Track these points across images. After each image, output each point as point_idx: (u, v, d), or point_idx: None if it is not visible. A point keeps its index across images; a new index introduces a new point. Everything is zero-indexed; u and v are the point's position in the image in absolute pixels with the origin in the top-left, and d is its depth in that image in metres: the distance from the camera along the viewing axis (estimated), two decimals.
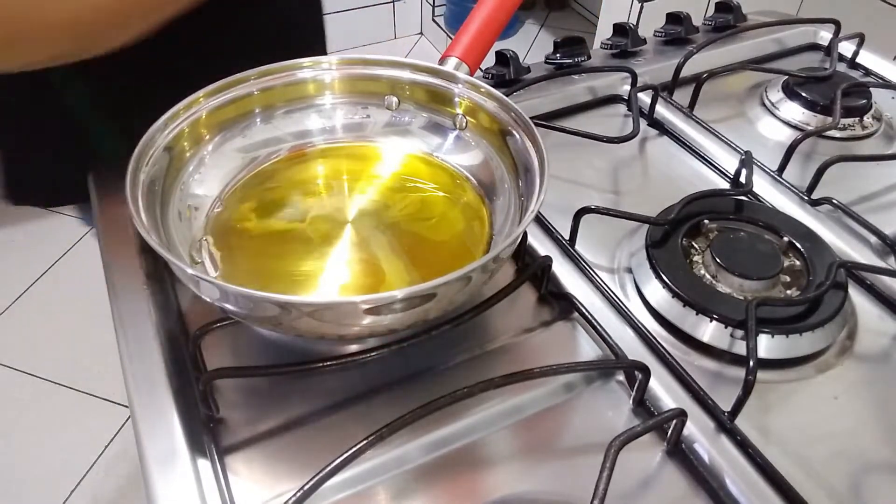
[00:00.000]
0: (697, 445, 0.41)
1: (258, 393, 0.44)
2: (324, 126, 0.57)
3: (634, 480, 0.40)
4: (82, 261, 1.72)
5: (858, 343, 0.49)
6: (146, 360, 0.44)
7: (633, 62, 0.75)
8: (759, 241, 0.52)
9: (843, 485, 0.40)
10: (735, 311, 0.47)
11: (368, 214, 0.51)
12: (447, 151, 0.56)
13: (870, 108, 0.69)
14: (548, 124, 0.63)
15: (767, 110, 0.71)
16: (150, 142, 0.46)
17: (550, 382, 0.45)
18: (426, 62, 0.55)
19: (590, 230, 0.54)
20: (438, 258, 0.49)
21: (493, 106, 0.52)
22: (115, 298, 0.48)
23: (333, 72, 0.56)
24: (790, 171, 0.62)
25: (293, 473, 0.40)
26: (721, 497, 0.39)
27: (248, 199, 0.52)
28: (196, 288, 0.40)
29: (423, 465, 0.41)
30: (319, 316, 0.39)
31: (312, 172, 0.55)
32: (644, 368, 0.43)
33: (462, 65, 0.55)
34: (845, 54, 0.80)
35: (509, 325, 0.49)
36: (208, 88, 0.51)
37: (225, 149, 0.53)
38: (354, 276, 0.47)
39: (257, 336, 0.47)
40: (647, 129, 0.69)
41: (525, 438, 0.42)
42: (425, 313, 0.40)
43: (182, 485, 0.38)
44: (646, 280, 0.50)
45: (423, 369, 0.46)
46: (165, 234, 0.45)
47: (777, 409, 0.44)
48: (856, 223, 0.56)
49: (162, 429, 0.40)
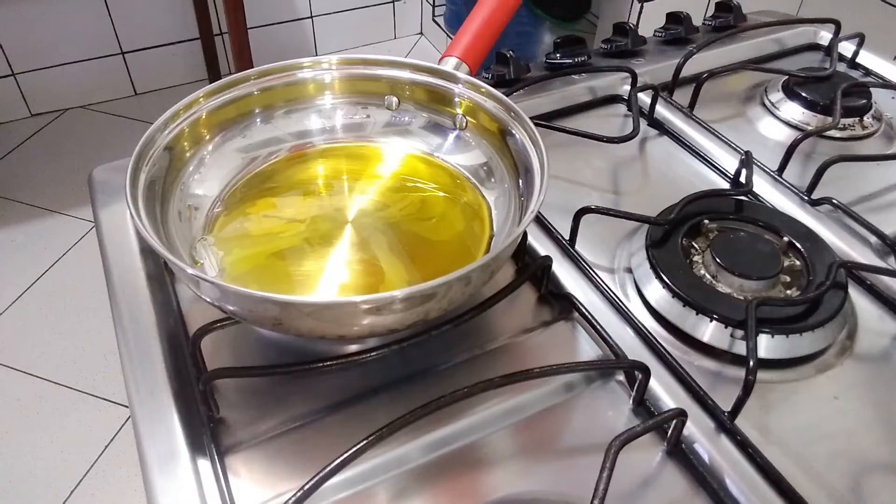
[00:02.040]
0: (697, 445, 0.41)
1: (258, 393, 0.44)
2: (324, 126, 0.57)
3: (634, 480, 0.40)
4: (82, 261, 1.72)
5: (858, 343, 0.49)
6: (146, 360, 0.44)
7: (633, 62, 0.75)
8: (759, 241, 0.52)
9: (843, 485, 0.40)
10: (735, 311, 0.47)
11: (368, 214, 0.51)
12: (447, 151, 0.56)
13: (870, 108, 0.69)
14: (548, 124, 0.63)
15: (767, 110, 0.71)
16: (150, 142, 0.46)
17: (550, 382, 0.45)
18: (426, 62, 0.55)
19: (590, 230, 0.54)
20: (438, 258, 0.49)
21: (493, 106, 0.52)
22: (115, 298, 0.48)
23: (333, 72, 0.56)
24: (790, 171, 0.62)
25: (293, 473, 0.40)
26: (721, 497, 0.39)
27: (248, 199, 0.52)
28: (196, 288, 0.40)
29: (423, 465, 0.41)
30: (319, 316, 0.39)
31: (312, 172, 0.55)
32: (644, 368, 0.43)
33: (462, 65, 0.55)
34: (845, 54, 0.80)
35: (509, 325, 0.49)
36: (208, 88, 0.51)
37: (225, 149, 0.53)
38: (354, 276, 0.47)
39: (257, 336, 0.47)
40: (647, 129, 0.69)
41: (525, 438, 0.42)
42: (425, 313, 0.40)
43: (182, 485, 0.38)
44: (646, 280, 0.50)
45: (423, 369, 0.46)
46: (165, 234, 0.45)
47: (777, 409, 0.44)
48: (856, 223, 0.56)
49: (162, 429, 0.40)
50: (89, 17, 2.00)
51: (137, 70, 2.16)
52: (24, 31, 1.95)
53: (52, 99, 2.12)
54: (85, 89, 2.14)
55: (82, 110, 2.17)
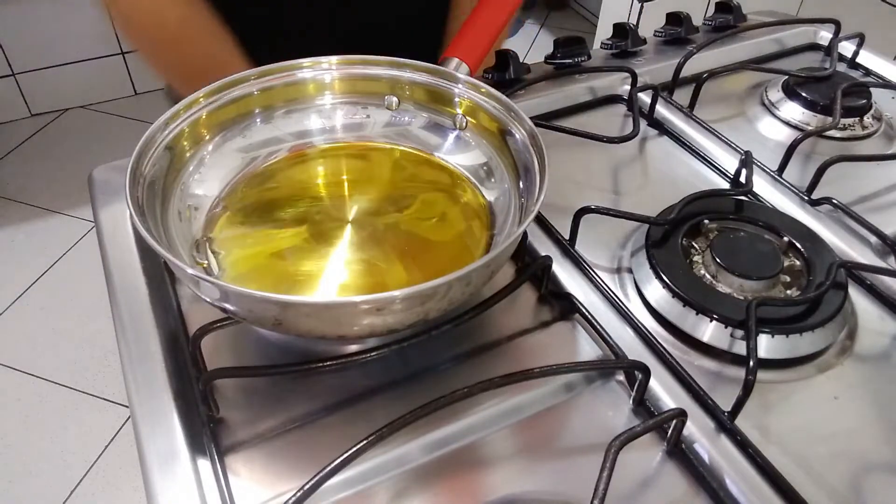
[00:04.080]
0: (697, 445, 0.41)
1: (258, 393, 0.44)
2: (324, 126, 0.57)
3: (634, 480, 0.40)
4: (82, 261, 1.72)
5: (858, 343, 0.49)
6: (146, 360, 0.44)
7: (633, 62, 0.75)
8: (759, 241, 0.52)
9: (843, 485, 0.40)
10: (735, 311, 0.47)
11: (368, 214, 0.51)
12: (447, 151, 0.56)
13: (870, 108, 0.69)
14: (548, 124, 0.63)
15: (767, 110, 0.71)
16: (150, 141, 0.46)
17: (550, 382, 0.45)
18: (426, 62, 0.55)
19: (590, 230, 0.54)
20: (438, 258, 0.49)
21: (493, 106, 0.52)
22: (115, 298, 0.48)
23: (333, 72, 0.56)
24: (790, 171, 0.62)
25: (293, 473, 0.40)
26: (721, 497, 0.39)
27: (248, 199, 0.52)
28: (196, 288, 0.40)
29: (423, 465, 0.41)
30: (319, 316, 0.39)
31: (312, 172, 0.55)
32: (644, 368, 0.43)
33: (462, 65, 0.55)
34: (845, 54, 0.80)
35: (509, 325, 0.49)
36: (208, 88, 0.51)
37: (225, 149, 0.53)
38: (354, 277, 0.47)
39: (257, 336, 0.47)
40: (647, 129, 0.69)
41: (525, 438, 0.42)
42: (425, 313, 0.40)
43: (182, 485, 0.38)
44: (646, 280, 0.50)
45: (423, 369, 0.46)
46: (165, 234, 0.45)
47: (777, 409, 0.44)
48: (856, 223, 0.56)
49: (162, 429, 0.40)
50: (89, 17, 2.00)
51: (137, 70, 2.16)
52: (24, 31, 1.96)
53: (52, 99, 2.12)
54: (85, 89, 2.14)
55: (82, 110, 2.17)
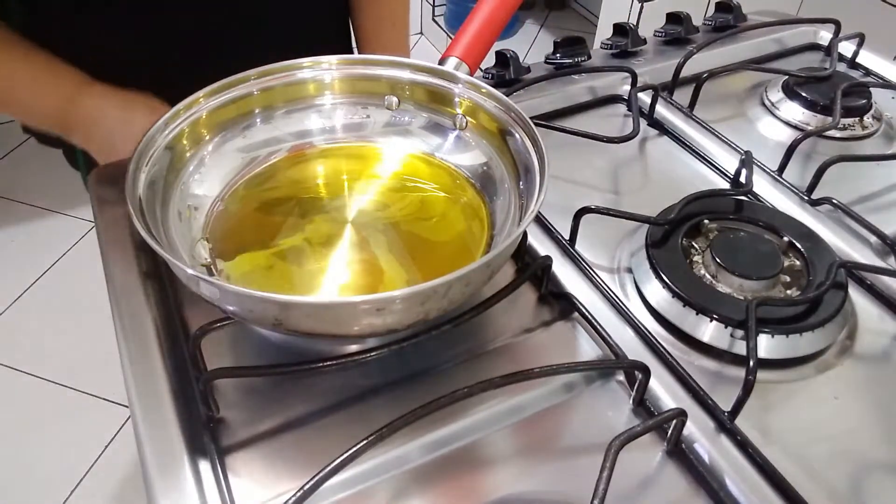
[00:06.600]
0: (697, 445, 0.41)
1: (258, 393, 0.44)
2: (324, 126, 0.57)
3: (634, 480, 0.40)
4: (82, 261, 1.72)
5: (858, 343, 0.49)
6: (146, 360, 0.44)
7: (633, 62, 0.75)
8: (759, 241, 0.52)
9: (843, 485, 0.40)
10: (735, 311, 0.47)
11: (368, 214, 0.51)
12: (447, 151, 0.56)
13: (870, 108, 0.69)
14: (548, 124, 0.63)
15: (767, 110, 0.71)
16: (150, 141, 0.46)
17: (550, 382, 0.45)
18: (426, 62, 0.55)
19: (590, 230, 0.54)
20: (438, 258, 0.49)
21: (493, 106, 0.52)
22: (115, 298, 0.48)
23: (333, 72, 0.55)
24: (790, 171, 0.62)
25: (293, 473, 0.40)
26: (721, 497, 0.39)
27: (249, 199, 0.52)
28: (196, 288, 0.40)
29: (423, 465, 0.41)
30: (319, 316, 0.39)
31: (312, 172, 0.55)
32: (644, 368, 0.43)
33: (462, 65, 0.55)
34: (845, 54, 0.80)
35: (509, 325, 0.49)
36: (208, 88, 0.51)
37: (225, 149, 0.53)
38: (354, 277, 0.47)
39: (257, 336, 0.47)
40: (647, 129, 0.69)
41: (525, 438, 0.42)
42: (425, 313, 0.40)
43: (182, 485, 0.38)
44: (646, 280, 0.50)
45: (423, 369, 0.46)
46: (165, 234, 0.45)
47: (777, 409, 0.44)
48: (856, 223, 0.56)
49: (162, 429, 0.40)
50: None
51: None
52: None
53: None
54: None
55: None
